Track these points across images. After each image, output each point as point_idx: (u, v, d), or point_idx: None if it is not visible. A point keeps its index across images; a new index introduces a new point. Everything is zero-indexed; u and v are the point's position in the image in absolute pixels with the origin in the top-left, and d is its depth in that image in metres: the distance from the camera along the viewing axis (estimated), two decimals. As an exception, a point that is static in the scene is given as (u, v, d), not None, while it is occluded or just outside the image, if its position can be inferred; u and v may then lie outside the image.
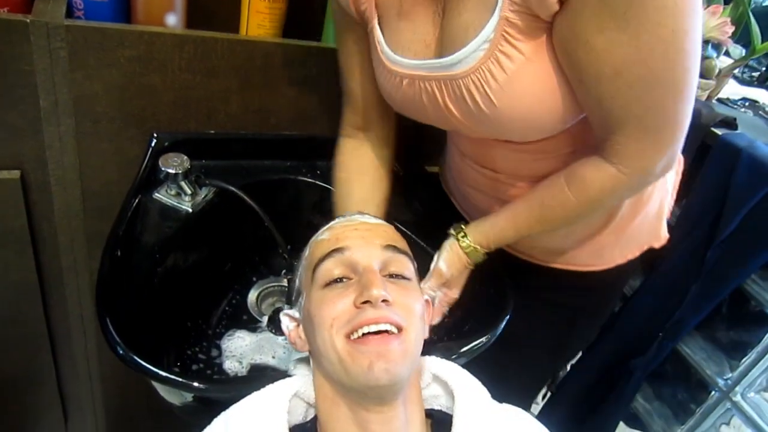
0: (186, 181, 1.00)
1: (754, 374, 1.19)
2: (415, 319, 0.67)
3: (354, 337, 0.63)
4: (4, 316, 1.17)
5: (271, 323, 1.02)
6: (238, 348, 0.97)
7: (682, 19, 0.60)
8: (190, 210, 1.00)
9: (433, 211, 1.16)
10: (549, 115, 0.73)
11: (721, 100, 1.48)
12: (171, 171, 0.98)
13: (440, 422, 0.70)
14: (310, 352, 0.72)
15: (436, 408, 0.74)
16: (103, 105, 1.00)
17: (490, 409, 0.71)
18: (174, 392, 0.76)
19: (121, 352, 0.70)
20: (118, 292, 0.80)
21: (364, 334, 0.62)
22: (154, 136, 1.06)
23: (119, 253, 0.87)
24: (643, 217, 1.00)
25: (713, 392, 1.27)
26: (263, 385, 0.70)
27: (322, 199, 1.14)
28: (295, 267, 0.82)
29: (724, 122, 1.22)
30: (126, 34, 0.94)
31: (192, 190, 1.01)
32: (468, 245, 0.89)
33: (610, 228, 0.98)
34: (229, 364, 0.93)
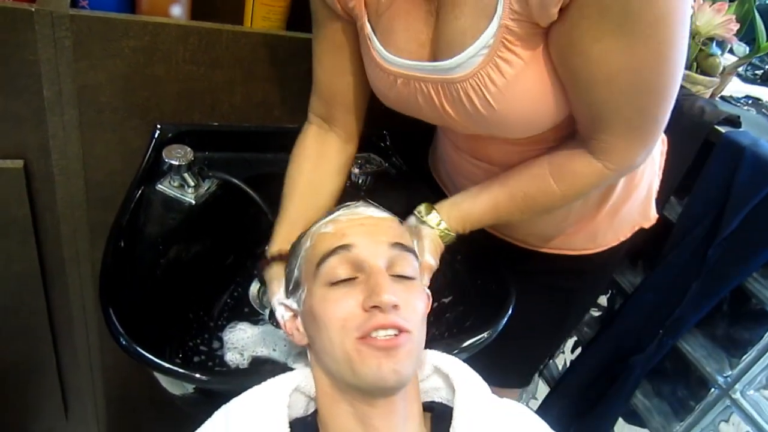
0: (189, 173, 1.00)
1: (754, 372, 1.19)
2: (419, 320, 0.68)
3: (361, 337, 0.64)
4: (6, 306, 1.17)
5: (273, 316, 1.02)
6: (240, 340, 0.97)
7: (673, 31, 0.63)
8: (193, 202, 1.00)
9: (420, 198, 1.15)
10: (545, 115, 0.76)
11: (724, 98, 1.48)
12: (174, 162, 0.98)
13: (440, 415, 0.70)
14: (309, 346, 0.73)
15: (437, 400, 0.75)
16: (107, 95, 1.00)
17: (491, 403, 0.72)
18: (176, 383, 0.76)
19: (124, 342, 0.70)
20: (122, 283, 0.81)
21: (372, 336, 0.63)
22: (158, 127, 1.06)
23: (122, 244, 0.87)
24: (635, 200, 1.04)
25: (713, 389, 1.27)
26: (264, 378, 0.70)
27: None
28: (291, 254, 0.79)
29: (728, 120, 1.21)
30: (131, 25, 0.94)
31: (195, 182, 1.01)
32: (446, 234, 0.88)
33: (604, 212, 1.01)
34: (231, 356, 0.93)
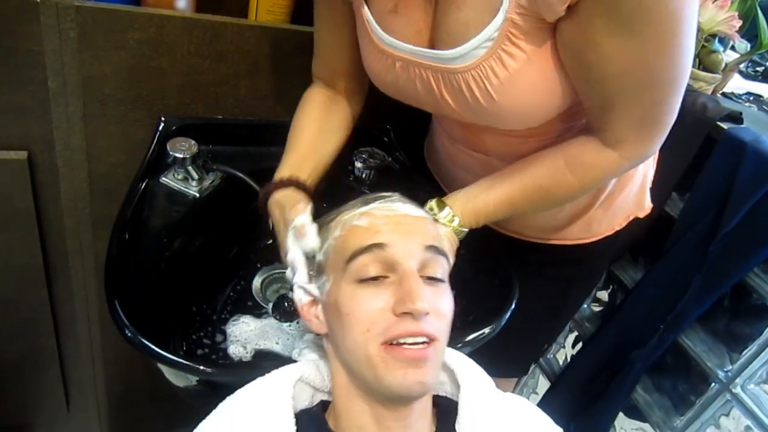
0: (193, 166, 1.00)
1: (755, 366, 1.19)
2: (446, 327, 0.66)
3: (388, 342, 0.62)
4: (9, 299, 1.17)
5: (276, 310, 1.02)
6: (243, 333, 0.97)
7: (685, 23, 0.64)
8: (197, 195, 1.00)
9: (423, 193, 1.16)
10: (545, 108, 0.76)
11: (725, 95, 1.48)
12: (179, 155, 0.98)
13: (446, 410, 0.71)
14: (328, 337, 0.71)
15: (441, 394, 0.75)
16: (112, 87, 1.00)
17: (495, 397, 0.72)
18: (180, 375, 0.77)
19: (129, 334, 0.70)
20: (126, 276, 0.81)
21: (399, 343, 0.61)
22: (162, 119, 1.06)
23: (127, 237, 0.87)
24: (630, 190, 1.05)
25: (713, 384, 1.27)
26: (269, 371, 0.70)
27: (328, 186, 1.14)
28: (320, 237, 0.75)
29: (730, 116, 1.22)
30: (136, 17, 0.94)
31: (199, 175, 1.01)
32: (460, 231, 0.87)
33: (599, 203, 1.03)
34: (234, 349, 0.93)
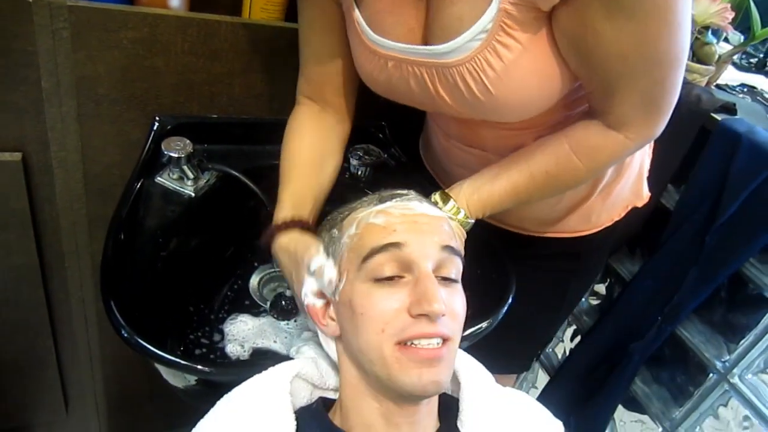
0: (189, 165, 1.00)
1: (752, 356, 1.20)
2: (459, 327, 0.66)
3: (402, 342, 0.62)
4: (5, 300, 1.17)
5: (274, 308, 1.02)
6: (241, 332, 0.97)
7: (681, 1, 0.64)
8: (193, 194, 1.00)
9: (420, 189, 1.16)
10: (542, 98, 0.76)
11: (719, 86, 1.48)
12: (174, 155, 0.98)
13: (447, 406, 0.71)
14: (340, 338, 0.70)
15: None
16: (106, 87, 0.99)
17: (495, 393, 0.72)
18: (178, 375, 0.77)
19: (125, 335, 0.70)
20: (122, 276, 0.80)
21: (413, 344, 0.62)
22: (157, 119, 1.05)
23: (122, 237, 0.87)
24: (627, 180, 1.04)
25: (711, 375, 1.28)
26: (266, 369, 0.69)
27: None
28: (326, 230, 0.75)
29: (724, 108, 1.22)
30: (129, 16, 0.94)
31: (194, 174, 1.01)
32: (467, 223, 0.87)
33: (597, 193, 1.02)
34: (231, 348, 0.93)
